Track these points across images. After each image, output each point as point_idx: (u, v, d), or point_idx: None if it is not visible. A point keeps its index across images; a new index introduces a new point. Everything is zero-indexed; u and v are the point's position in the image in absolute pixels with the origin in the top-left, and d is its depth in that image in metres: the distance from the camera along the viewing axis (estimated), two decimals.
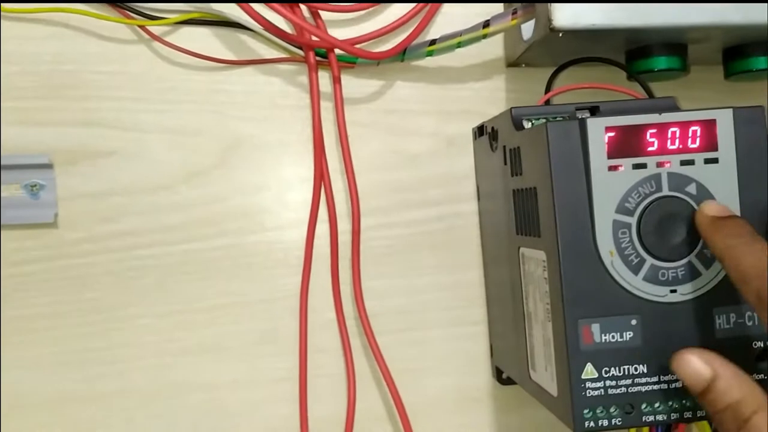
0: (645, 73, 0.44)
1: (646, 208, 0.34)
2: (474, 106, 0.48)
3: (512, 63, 0.48)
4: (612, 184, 0.34)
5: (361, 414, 0.48)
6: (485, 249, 0.48)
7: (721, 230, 0.33)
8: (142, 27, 0.46)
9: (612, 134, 0.34)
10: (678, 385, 0.34)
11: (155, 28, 0.46)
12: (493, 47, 0.49)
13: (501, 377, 0.47)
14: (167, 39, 0.46)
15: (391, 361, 0.48)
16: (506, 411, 0.49)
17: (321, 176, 0.47)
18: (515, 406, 0.48)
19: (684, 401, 0.35)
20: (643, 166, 0.34)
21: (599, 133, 0.34)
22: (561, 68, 0.45)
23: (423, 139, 0.48)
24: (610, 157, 0.34)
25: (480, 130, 0.46)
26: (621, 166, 0.34)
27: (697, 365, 0.32)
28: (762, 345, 0.35)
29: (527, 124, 0.39)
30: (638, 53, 0.44)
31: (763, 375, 0.35)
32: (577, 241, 0.34)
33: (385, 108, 0.48)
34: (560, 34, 0.41)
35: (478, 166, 0.48)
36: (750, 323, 0.35)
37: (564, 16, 0.40)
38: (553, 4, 0.39)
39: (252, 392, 0.47)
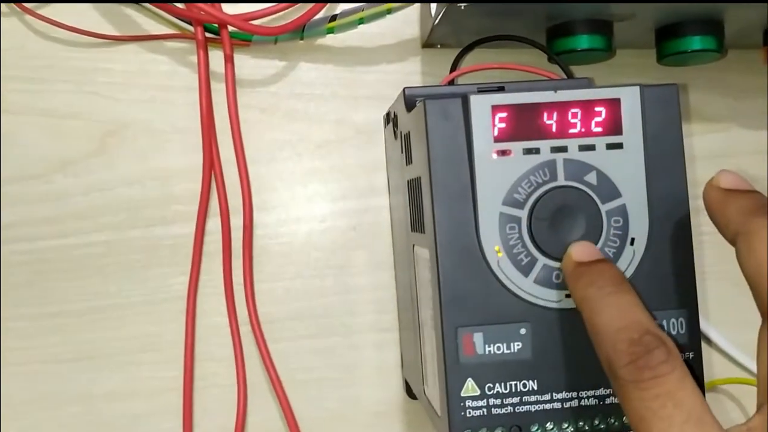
0: (566, 53, 0.40)
1: (538, 199, 0.30)
2: (385, 90, 0.44)
3: (427, 43, 0.43)
4: (499, 172, 0.30)
5: (253, 428, 0.43)
6: (395, 248, 0.43)
7: (582, 278, 0.28)
8: None
9: (503, 114, 0.30)
10: (574, 404, 0.30)
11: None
12: (410, 26, 0.44)
13: (411, 391, 0.43)
14: (41, 12, 0.42)
15: (291, 371, 0.43)
16: (416, 428, 0.44)
17: (211, 165, 0.42)
18: (426, 422, 0.44)
19: (581, 423, 0.30)
20: (536, 151, 0.30)
21: (485, 112, 0.30)
22: (469, 47, 0.40)
23: (328, 127, 0.44)
24: (497, 140, 0.30)
25: (387, 117, 0.42)
26: (510, 151, 0.30)
27: None
28: (688, 356, 0.31)
29: None
30: (559, 32, 0.40)
31: None
32: (458, 236, 0.30)
33: (286, 92, 0.44)
34: (462, 7, 0.36)
35: (388, 156, 0.43)
36: None
37: None
38: None
39: (131, 404, 0.43)
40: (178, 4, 0.41)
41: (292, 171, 0.44)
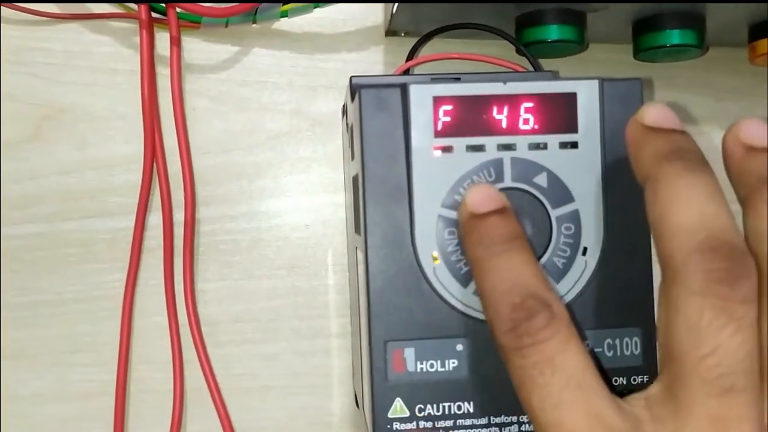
0: (535, 44, 0.37)
1: None
2: (345, 80, 0.40)
3: (390, 31, 0.41)
4: (439, 171, 0.27)
5: None
6: (349, 250, 0.40)
7: (473, 234, 0.25)
8: None
9: (448, 107, 0.27)
10: (513, 429, 0.27)
11: None
12: (373, 13, 0.41)
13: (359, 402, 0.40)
14: None
15: (234, 378, 0.40)
16: None
17: (153, 155, 0.40)
18: None
19: None
20: (480, 148, 0.27)
21: (425, 103, 0.27)
22: (428, 36, 0.37)
23: (282, 118, 0.41)
24: (439, 135, 0.27)
25: (343, 109, 0.39)
26: (452, 147, 0.27)
27: None
28: (642, 380, 0.28)
29: None
30: (528, 21, 0.37)
31: None
32: (391, 240, 0.27)
33: (238, 79, 0.41)
34: None
35: (344, 151, 0.40)
36: (611, 353, 0.27)
37: None
38: None
39: (60, 408, 0.40)
40: None
41: (242, 163, 0.41)
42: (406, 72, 0.36)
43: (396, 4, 0.36)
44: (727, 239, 0.22)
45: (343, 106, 0.39)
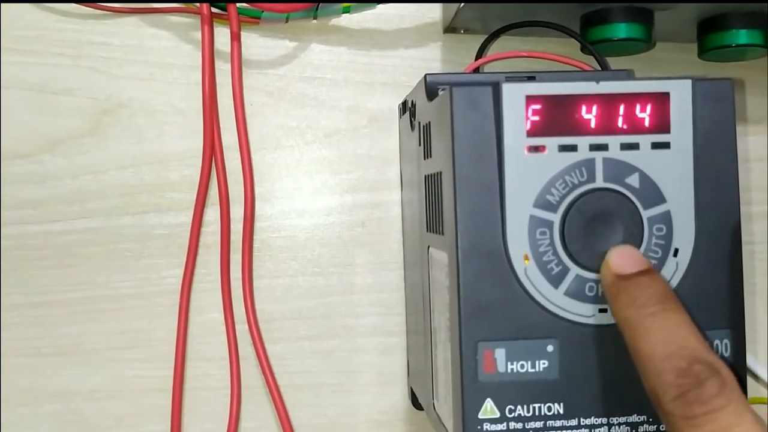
0: (601, 42, 0.37)
1: (573, 202, 0.27)
2: (402, 77, 0.41)
3: (449, 28, 0.40)
4: (531, 170, 0.27)
5: None
6: (406, 247, 0.40)
7: (621, 295, 0.25)
8: None
9: (537, 106, 0.27)
10: (603, 431, 0.27)
11: None
12: (431, 9, 0.41)
13: (416, 400, 0.40)
14: None
15: (289, 375, 0.40)
16: None
17: (212, 151, 0.39)
18: None
19: None
20: (573, 148, 0.27)
21: (518, 103, 0.27)
22: (496, 33, 0.37)
23: (340, 114, 0.41)
24: (531, 134, 0.27)
25: (404, 106, 0.39)
26: (545, 147, 0.27)
27: None
28: None
29: None
30: (595, 19, 0.37)
31: None
32: (482, 240, 0.26)
33: (296, 75, 0.41)
34: None
35: (402, 148, 0.40)
36: None
37: None
38: None
39: (116, 404, 0.40)
40: None
41: (298, 160, 0.41)
42: (477, 69, 0.36)
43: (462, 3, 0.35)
44: None
45: (403, 103, 0.39)
